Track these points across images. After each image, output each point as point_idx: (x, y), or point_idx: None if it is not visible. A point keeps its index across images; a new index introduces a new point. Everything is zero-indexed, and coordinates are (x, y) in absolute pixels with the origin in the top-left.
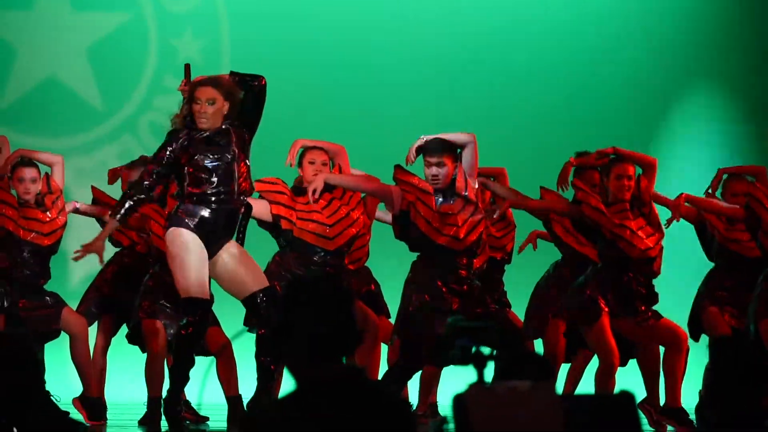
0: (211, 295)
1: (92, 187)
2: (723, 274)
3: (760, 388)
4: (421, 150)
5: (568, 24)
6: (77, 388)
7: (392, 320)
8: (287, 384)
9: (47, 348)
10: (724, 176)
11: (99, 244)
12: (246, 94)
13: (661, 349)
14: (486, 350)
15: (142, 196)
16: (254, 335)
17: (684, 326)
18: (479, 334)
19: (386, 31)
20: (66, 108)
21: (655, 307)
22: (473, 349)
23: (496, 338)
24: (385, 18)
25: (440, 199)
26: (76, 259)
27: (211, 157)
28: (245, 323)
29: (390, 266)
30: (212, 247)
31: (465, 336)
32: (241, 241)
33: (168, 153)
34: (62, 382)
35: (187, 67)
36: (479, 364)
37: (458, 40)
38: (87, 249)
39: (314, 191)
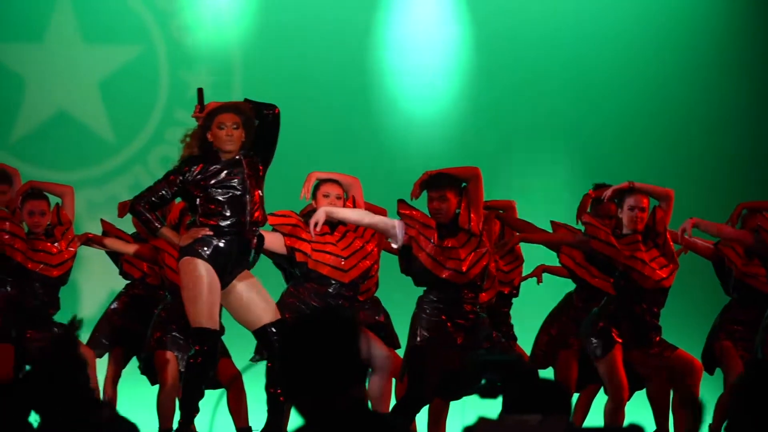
0: (222, 326)
1: (102, 220)
2: (738, 309)
3: None
4: (424, 185)
5: (586, 65)
6: None
7: (401, 352)
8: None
9: None
10: (744, 211)
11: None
12: (260, 123)
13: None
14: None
15: (151, 204)
16: (264, 367)
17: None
18: (507, 367)
19: (394, 70)
20: (77, 141)
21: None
22: (499, 383)
23: (523, 371)
24: (392, 57)
25: (443, 233)
26: None
27: (222, 189)
28: (255, 354)
29: (398, 298)
30: (225, 278)
31: (493, 370)
32: (251, 268)
33: (178, 179)
34: None
35: (200, 91)
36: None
37: (468, 78)
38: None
39: (315, 224)
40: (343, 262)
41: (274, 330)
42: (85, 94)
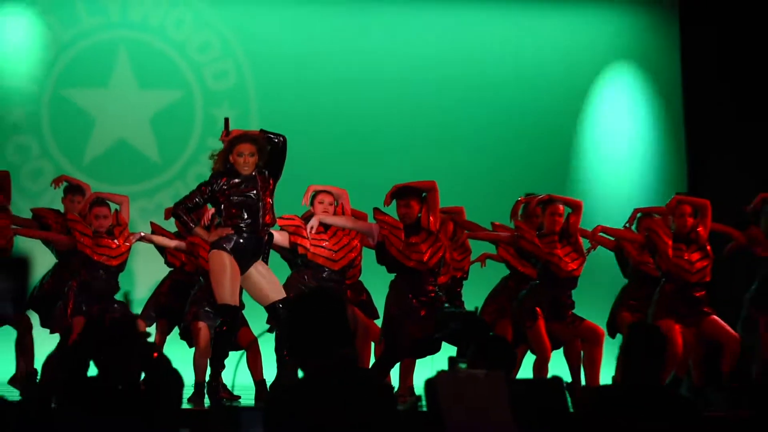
0: (242, 303)
1: (151, 222)
2: (634, 288)
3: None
4: (394, 195)
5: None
6: None
7: (379, 322)
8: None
9: None
10: (639, 214)
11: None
12: (271, 148)
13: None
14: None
15: (187, 209)
16: (274, 334)
17: (602, 326)
18: (466, 317)
19: (382, 107)
20: (133, 162)
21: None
22: (460, 330)
23: (477, 321)
24: (379, 97)
25: (409, 232)
26: None
27: (241, 198)
28: (267, 323)
29: (378, 281)
30: (243, 266)
31: (456, 319)
32: (265, 260)
33: (208, 190)
34: None
35: (227, 120)
36: (463, 342)
37: (438, 102)
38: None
39: (311, 228)
40: (334, 255)
41: (280, 306)
42: (139, 127)
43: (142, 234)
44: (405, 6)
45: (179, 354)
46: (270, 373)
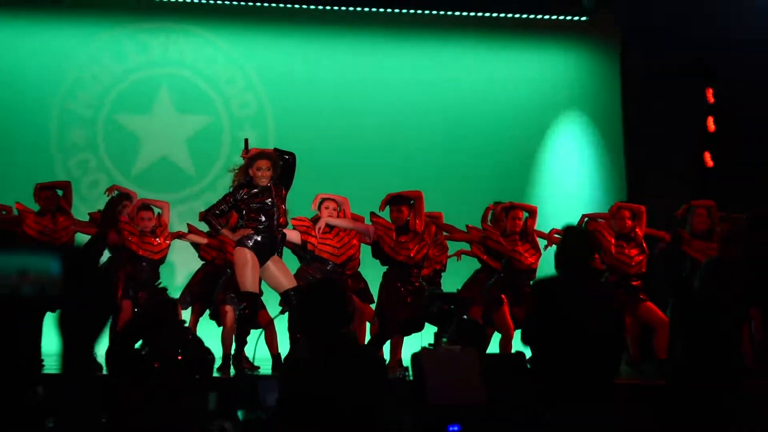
0: (261, 290)
1: (188, 224)
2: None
3: None
4: (387, 202)
5: (489, 113)
6: None
7: (373, 307)
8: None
9: None
10: (586, 219)
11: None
12: (283, 164)
13: None
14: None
15: (216, 215)
16: (287, 315)
17: None
18: (451, 297)
19: (376, 129)
20: (172, 175)
21: None
22: (444, 310)
23: (461, 302)
24: (374, 120)
25: (399, 233)
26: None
27: (259, 205)
28: (280, 305)
29: (373, 272)
30: (262, 259)
31: (442, 299)
32: (280, 255)
33: (231, 199)
34: None
35: (247, 141)
36: (446, 320)
37: (423, 127)
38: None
39: (319, 229)
40: (337, 251)
41: (291, 293)
42: (177, 146)
43: (179, 233)
44: (395, 46)
45: (210, 332)
46: (284, 347)
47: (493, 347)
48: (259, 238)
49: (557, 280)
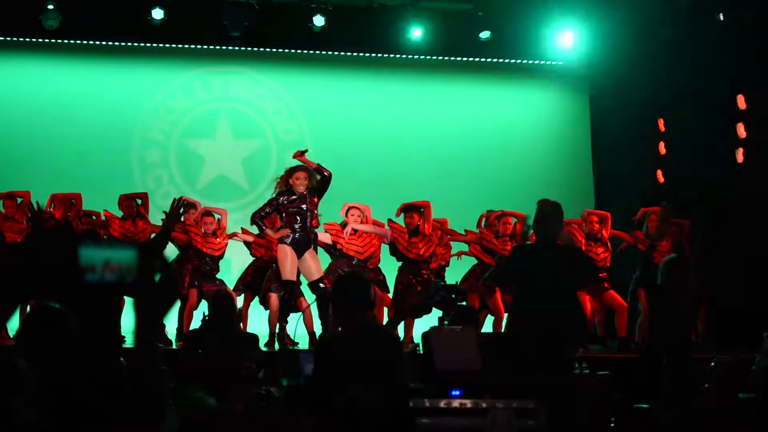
0: (300, 281)
1: (242, 227)
2: None
3: None
4: (402, 210)
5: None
6: None
7: (390, 295)
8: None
9: None
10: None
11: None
12: (320, 178)
13: None
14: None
15: (261, 216)
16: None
17: None
18: (453, 288)
19: (396, 151)
20: (229, 188)
21: None
22: (446, 298)
23: (460, 291)
24: (394, 145)
25: (411, 235)
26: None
27: (296, 209)
28: (312, 293)
29: (390, 267)
30: (299, 253)
31: (445, 289)
32: (315, 250)
33: (274, 203)
34: None
35: (306, 150)
36: (449, 307)
37: (431, 151)
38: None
39: (346, 233)
40: (361, 249)
41: (319, 283)
42: (234, 165)
43: (234, 234)
44: (408, 85)
45: (259, 314)
46: (318, 327)
47: (487, 327)
48: (296, 236)
49: (533, 246)
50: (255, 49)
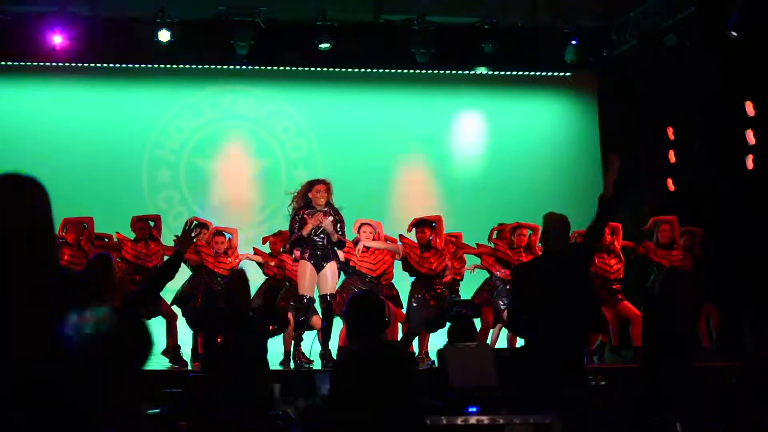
0: (314, 298)
1: (254, 248)
2: None
3: None
4: (413, 225)
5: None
6: None
7: (404, 310)
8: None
9: None
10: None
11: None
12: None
13: None
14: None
15: (293, 242)
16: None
17: None
18: (467, 303)
19: (404, 165)
20: (240, 206)
21: None
22: (462, 314)
23: (474, 307)
24: (401, 159)
25: (423, 250)
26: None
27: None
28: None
29: (403, 282)
30: (318, 267)
31: (460, 305)
32: (339, 267)
33: (297, 219)
34: None
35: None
36: (463, 322)
37: (442, 165)
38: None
39: (358, 251)
40: (373, 266)
41: (327, 296)
42: (246, 183)
43: (246, 254)
44: (415, 99)
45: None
46: (334, 345)
47: (501, 342)
48: (317, 252)
49: (533, 260)
50: (262, 67)
